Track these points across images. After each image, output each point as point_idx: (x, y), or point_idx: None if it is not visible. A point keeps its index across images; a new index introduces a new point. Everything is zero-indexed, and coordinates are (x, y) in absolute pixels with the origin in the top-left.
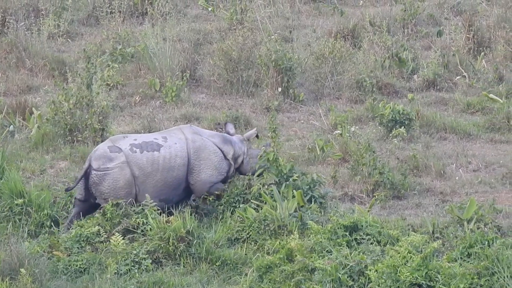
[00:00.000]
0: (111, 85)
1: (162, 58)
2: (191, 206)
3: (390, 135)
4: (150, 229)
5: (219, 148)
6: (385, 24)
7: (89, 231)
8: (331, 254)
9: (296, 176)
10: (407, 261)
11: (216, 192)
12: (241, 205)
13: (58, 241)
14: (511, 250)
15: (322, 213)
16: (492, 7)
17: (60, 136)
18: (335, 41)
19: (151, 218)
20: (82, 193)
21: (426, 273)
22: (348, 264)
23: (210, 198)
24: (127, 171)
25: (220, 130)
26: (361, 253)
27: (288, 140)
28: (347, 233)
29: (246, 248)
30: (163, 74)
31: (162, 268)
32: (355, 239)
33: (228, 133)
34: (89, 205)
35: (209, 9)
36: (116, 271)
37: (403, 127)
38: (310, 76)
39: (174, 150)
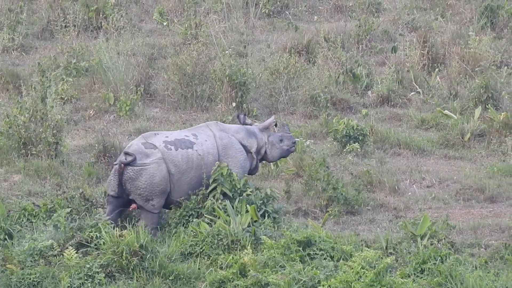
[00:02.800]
0: (65, 99)
1: (116, 72)
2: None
3: (344, 150)
4: (104, 243)
5: (244, 144)
6: (339, 40)
7: (42, 244)
8: (284, 269)
9: (250, 191)
10: (360, 276)
11: None
12: (194, 220)
13: (11, 254)
14: (464, 266)
15: (276, 228)
16: (446, 24)
17: (14, 149)
18: (289, 56)
19: (105, 232)
20: (115, 189)
21: None
22: (301, 280)
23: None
24: (163, 167)
25: (237, 121)
26: (314, 269)
27: None
28: (301, 248)
29: (199, 263)
30: (117, 88)
31: (115, 282)
32: (309, 254)
33: (247, 124)
34: (122, 202)
35: (164, 23)
36: (69, 284)
37: (357, 142)
38: (264, 91)
39: (206, 147)
